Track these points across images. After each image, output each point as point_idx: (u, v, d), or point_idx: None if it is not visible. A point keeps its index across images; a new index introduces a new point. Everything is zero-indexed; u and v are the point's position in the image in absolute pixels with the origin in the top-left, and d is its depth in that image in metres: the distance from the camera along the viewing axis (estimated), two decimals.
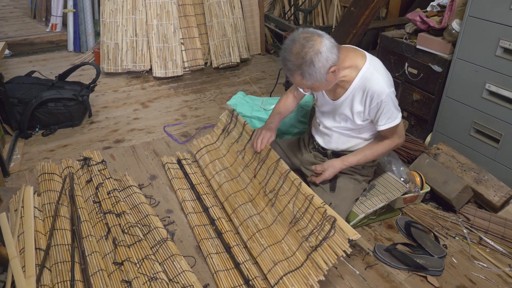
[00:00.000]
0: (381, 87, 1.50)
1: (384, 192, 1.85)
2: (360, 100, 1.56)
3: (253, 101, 2.54)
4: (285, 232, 1.58)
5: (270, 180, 1.74)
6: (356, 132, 1.71)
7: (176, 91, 3.32)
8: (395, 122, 1.59)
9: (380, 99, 1.52)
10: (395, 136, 1.67)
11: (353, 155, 1.69)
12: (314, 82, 1.42)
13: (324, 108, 1.74)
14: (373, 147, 1.68)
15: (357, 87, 1.54)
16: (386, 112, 1.55)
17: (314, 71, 1.38)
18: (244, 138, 2.00)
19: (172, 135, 2.63)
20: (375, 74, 1.51)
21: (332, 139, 1.78)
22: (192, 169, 2.12)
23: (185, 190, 2.01)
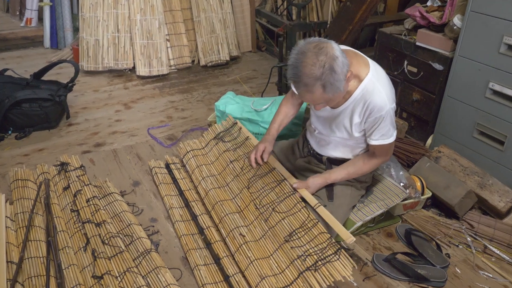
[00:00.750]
0: (382, 102, 1.50)
1: (383, 199, 1.84)
2: (360, 112, 1.56)
3: (244, 102, 2.53)
4: (275, 248, 1.58)
5: (268, 195, 1.75)
6: (353, 141, 1.71)
7: (161, 91, 3.31)
8: (388, 140, 1.60)
9: (380, 114, 1.52)
10: (383, 155, 1.67)
11: (337, 172, 1.70)
12: (335, 92, 1.40)
13: (321, 113, 1.73)
14: (358, 164, 1.69)
15: (358, 99, 1.54)
16: (382, 128, 1.56)
17: (336, 78, 1.36)
18: (242, 150, 2.01)
19: (157, 138, 2.62)
20: (378, 87, 1.51)
21: (328, 146, 1.78)
22: (181, 174, 2.12)
23: (172, 196, 2.00)
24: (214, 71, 3.71)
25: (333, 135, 1.71)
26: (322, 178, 1.70)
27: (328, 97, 1.41)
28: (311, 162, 1.87)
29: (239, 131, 2.13)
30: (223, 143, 2.12)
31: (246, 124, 2.40)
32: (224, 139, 2.14)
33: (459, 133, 2.24)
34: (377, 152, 1.66)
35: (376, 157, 1.68)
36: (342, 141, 1.72)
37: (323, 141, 1.79)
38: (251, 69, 3.79)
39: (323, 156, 1.81)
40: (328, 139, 1.75)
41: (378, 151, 1.65)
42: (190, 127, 2.78)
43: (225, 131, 2.18)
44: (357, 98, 1.54)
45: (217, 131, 2.21)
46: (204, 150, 2.16)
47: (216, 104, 2.50)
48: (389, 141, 1.60)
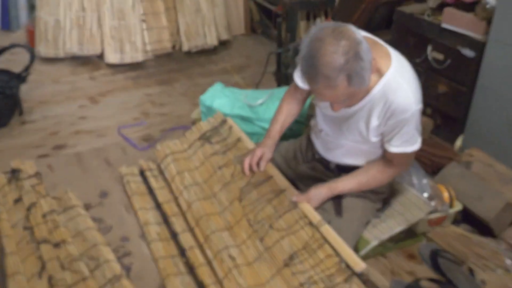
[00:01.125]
0: (407, 102, 1.50)
1: (403, 213, 1.83)
2: (379, 113, 1.55)
3: (235, 95, 2.52)
4: (272, 273, 1.56)
5: (264, 209, 1.74)
6: (369, 146, 1.70)
7: (135, 82, 3.29)
8: (411, 148, 1.59)
9: (403, 117, 1.51)
10: (403, 164, 1.67)
11: (345, 181, 1.70)
12: (361, 84, 1.38)
13: (329, 112, 1.71)
14: (371, 173, 1.68)
15: (377, 97, 1.53)
16: (405, 133, 1.55)
17: (362, 67, 1.35)
18: (232, 153, 2.01)
19: (130, 139, 2.61)
20: (402, 84, 1.50)
21: (337, 151, 1.77)
22: (158, 183, 2.11)
23: (148, 210, 1.99)
24: (200, 58, 3.69)
25: (344, 138, 1.70)
26: (327, 188, 1.69)
27: (353, 91, 1.40)
28: (316, 169, 1.85)
29: (229, 130, 2.12)
30: (210, 145, 2.11)
31: (238, 122, 2.37)
32: (211, 140, 2.13)
33: (494, 133, 2.23)
34: (395, 161, 1.64)
35: (393, 166, 1.66)
36: (355, 146, 1.71)
37: (331, 144, 1.77)
38: (244, 55, 3.78)
39: (331, 162, 1.80)
40: (337, 143, 1.74)
41: (397, 159, 1.64)
42: (170, 125, 2.76)
43: (212, 130, 2.17)
44: (376, 96, 1.52)
45: (202, 130, 2.20)
46: (186, 153, 2.15)
47: (202, 98, 2.49)
48: (412, 149, 1.59)
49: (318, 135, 1.83)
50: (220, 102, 2.44)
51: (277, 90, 2.59)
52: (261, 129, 2.37)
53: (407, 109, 1.50)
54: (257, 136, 2.37)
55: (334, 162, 1.80)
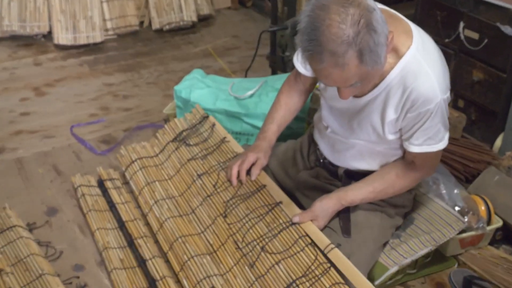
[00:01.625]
0: (431, 90, 1.50)
1: (429, 231, 1.83)
2: (397, 104, 1.56)
3: (218, 85, 2.52)
4: None
5: (254, 227, 1.74)
6: (385, 147, 1.70)
7: (92, 69, 3.29)
8: (437, 146, 1.60)
9: (426, 108, 1.52)
10: (427, 167, 1.68)
11: (356, 189, 1.70)
12: (375, 63, 1.37)
13: (337, 103, 1.71)
14: (389, 179, 1.69)
15: (395, 84, 1.53)
16: (429, 128, 1.56)
17: (376, 41, 1.34)
18: (215, 158, 2.01)
19: (85, 141, 2.60)
20: (425, 68, 1.50)
21: (347, 153, 1.77)
22: (122, 196, 2.11)
23: (109, 231, 1.99)
24: (174, 38, 3.69)
25: (354, 136, 1.71)
26: (335, 199, 1.69)
27: (365, 71, 1.38)
28: (320, 176, 1.86)
29: (211, 129, 2.12)
30: (187, 148, 2.11)
31: (222, 119, 2.39)
32: (188, 142, 2.13)
33: None
34: (418, 162, 1.65)
35: (415, 169, 1.67)
36: (368, 146, 1.71)
37: (339, 144, 1.78)
38: (230, 34, 3.78)
39: (339, 168, 1.80)
40: (347, 142, 1.74)
41: (420, 161, 1.65)
42: (137, 123, 2.76)
43: (190, 129, 2.17)
44: (393, 82, 1.53)
45: (178, 129, 2.20)
46: (158, 159, 2.15)
47: (177, 89, 2.49)
48: (437, 148, 1.60)
49: (323, 134, 1.83)
50: (199, 93, 2.44)
51: (272, 78, 2.59)
52: (252, 127, 2.37)
53: (430, 98, 1.50)
54: (246, 136, 2.38)
55: (342, 167, 1.80)
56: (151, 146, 2.22)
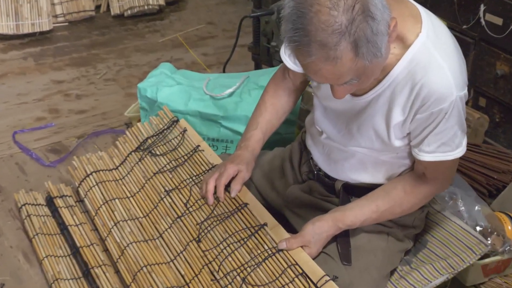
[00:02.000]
0: (445, 85, 1.50)
1: (445, 256, 1.84)
2: (404, 103, 1.56)
3: (191, 82, 2.53)
4: None
5: (234, 253, 1.73)
6: (392, 156, 1.71)
7: (38, 63, 3.30)
8: (452, 154, 1.60)
9: (439, 108, 1.51)
10: (441, 179, 1.68)
11: (356, 208, 1.69)
12: (374, 56, 1.36)
13: (332, 104, 1.71)
14: (395, 195, 1.69)
15: (401, 78, 1.53)
16: (443, 131, 1.56)
17: (374, 30, 1.32)
18: (187, 170, 2.01)
19: (31, 150, 2.61)
20: (437, 59, 1.50)
21: (346, 163, 1.77)
22: (76, 217, 2.11)
23: (60, 258, 1.99)
24: (137, 26, 3.70)
25: (354, 143, 1.71)
26: (331, 221, 1.69)
27: (363, 66, 1.37)
28: (314, 191, 1.86)
29: (182, 136, 2.12)
30: (152, 159, 2.11)
31: (195, 123, 2.40)
32: (154, 151, 2.13)
33: None
34: (430, 174, 1.65)
35: (427, 182, 1.67)
36: (371, 155, 1.72)
37: (336, 152, 1.78)
38: (205, 21, 3.79)
39: (337, 181, 1.81)
40: (345, 150, 1.75)
41: (433, 172, 1.65)
42: (93, 128, 2.76)
43: (156, 136, 2.17)
44: (399, 78, 1.54)
45: (142, 136, 2.20)
46: (118, 172, 2.15)
47: (141, 87, 2.49)
48: (454, 156, 1.60)
49: (317, 140, 1.83)
50: (168, 92, 2.44)
51: (255, 73, 2.60)
52: (231, 132, 2.38)
53: (444, 96, 1.50)
54: (225, 143, 2.39)
55: (340, 181, 1.80)
56: (110, 157, 2.21)
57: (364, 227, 1.74)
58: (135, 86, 2.55)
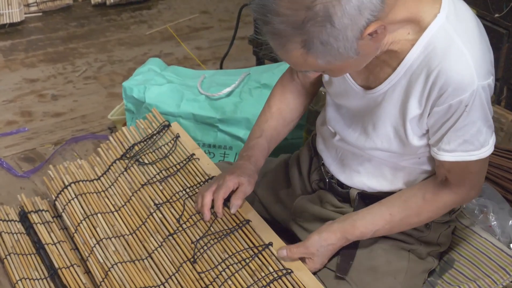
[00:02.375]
0: (465, 73, 1.50)
1: (475, 277, 1.84)
2: (420, 93, 1.57)
3: (183, 80, 2.54)
4: None
5: (234, 276, 1.73)
6: (411, 159, 1.72)
7: (8, 59, 3.30)
8: (477, 154, 1.59)
9: (459, 99, 1.51)
10: (466, 187, 1.67)
11: (368, 217, 1.71)
12: (332, 59, 1.41)
13: (345, 101, 1.74)
14: (414, 203, 1.69)
15: (417, 66, 1.55)
16: (465, 127, 1.55)
17: (333, 35, 1.37)
18: (179, 181, 2.01)
19: (1, 158, 2.61)
20: (457, 42, 1.50)
21: (362, 168, 1.79)
22: (53, 234, 2.10)
23: (36, 281, 1.99)
24: (121, 16, 3.72)
25: (371, 144, 1.72)
26: (339, 234, 1.71)
27: (320, 64, 1.43)
28: (324, 202, 1.88)
29: (174, 142, 2.13)
30: (140, 168, 2.12)
31: (188, 127, 2.40)
32: (142, 160, 2.13)
33: None
34: (453, 178, 1.65)
35: (450, 188, 1.67)
36: (390, 159, 1.73)
37: (351, 156, 1.80)
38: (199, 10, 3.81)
39: (351, 189, 1.82)
40: (362, 154, 1.77)
41: (456, 176, 1.64)
42: (71, 134, 2.76)
43: (144, 142, 2.18)
44: (414, 65, 1.55)
45: (128, 142, 2.20)
46: (100, 183, 2.15)
47: (126, 86, 2.49)
48: (478, 156, 1.59)
49: (329, 143, 1.86)
50: (157, 92, 2.45)
51: (257, 69, 2.61)
52: (230, 137, 2.39)
53: (464, 84, 1.50)
54: (222, 150, 2.40)
55: (356, 189, 1.81)
56: (91, 166, 2.20)
57: (381, 244, 1.76)
58: (119, 85, 2.55)
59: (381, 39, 1.46)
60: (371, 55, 1.51)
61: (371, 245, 1.77)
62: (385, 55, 1.56)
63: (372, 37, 1.42)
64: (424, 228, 1.79)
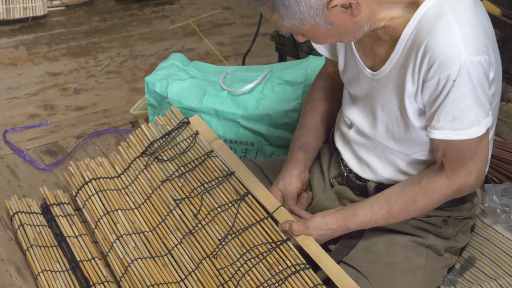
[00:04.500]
0: (452, 46, 1.50)
1: (496, 276, 1.84)
2: (413, 68, 1.58)
3: (206, 75, 2.54)
4: None
5: (253, 270, 1.74)
6: (419, 144, 1.72)
7: (31, 53, 3.31)
8: (464, 133, 1.57)
9: (446, 73, 1.52)
10: (463, 173, 1.65)
11: (367, 207, 1.72)
12: (297, 22, 1.51)
13: (357, 89, 1.76)
14: (410, 191, 1.69)
15: (410, 44, 1.57)
16: (453, 102, 1.54)
17: (296, 1, 1.46)
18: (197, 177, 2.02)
19: (24, 151, 2.61)
20: (447, 16, 1.52)
21: (376, 160, 1.80)
22: (75, 227, 2.11)
23: (58, 274, 1.99)
24: (143, 11, 3.72)
25: (382, 129, 1.74)
26: (341, 221, 1.73)
27: (284, 26, 1.53)
28: (342, 198, 1.89)
29: (193, 139, 2.13)
30: (159, 165, 2.12)
31: (210, 122, 2.40)
32: (161, 156, 2.14)
33: None
34: (447, 161, 1.64)
35: (445, 174, 1.66)
36: (401, 151, 1.75)
37: (366, 148, 1.82)
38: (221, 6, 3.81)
39: (369, 182, 1.83)
40: (375, 145, 1.79)
41: (449, 159, 1.63)
42: (94, 127, 2.77)
43: (163, 138, 2.19)
44: (409, 42, 1.58)
45: (147, 140, 2.21)
46: (120, 181, 2.16)
47: (149, 81, 2.50)
48: (466, 136, 1.57)
49: (346, 138, 1.87)
50: (180, 87, 2.45)
51: (279, 66, 2.60)
52: (251, 133, 2.40)
53: (450, 57, 1.50)
54: (244, 146, 2.40)
55: (373, 182, 1.82)
56: (111, 164, 2.22)
57: (398, 240, 1.77)
58: (141, 80, 2.55)
59: (357, 14, 1.51)
60: (350, 28, 1.55)
61: (390, 241, 1.78)
62: (384, 34, 1.61)
63: (346, 10, 1.48)
64: (442, 223, 1.80)
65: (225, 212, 1.89)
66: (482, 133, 1.57)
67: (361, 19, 1.53)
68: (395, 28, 1.57)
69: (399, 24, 1.57)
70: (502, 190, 2.07)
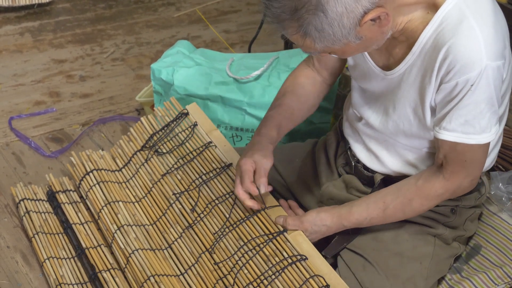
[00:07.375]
0: (474, 50, 1.50)
1: (501, 264, 1.84)
2: (432, 69, 1.57)
3: (212, 62, 2.54)
4: None
5: (250, 264, 1.74)
6: (432, 145, 1.72)
7: (37, 39, 3.31)
8: (475, 138, 1.58)
9: (465, 77, 1.52)
10: (460, 176, 1.65)
11: (362, 206, 1.72)
12: (330, 43, 1.48)
13: (368, 84, 1.75)
14: (407, 190, 1.69)
15: (430, 44, 1.56)
16: (467, 106, 1.55)
17: (327, 22, 1.43)
18: (195, 168, 2.03)
19: (29, 138, 2.62)
20: (469, 20, 1.51)
21: (385, 152, 1.80)
22: (81, 214, 2.12)
23: (64, 260, 2.00)
24: None
25: (392, 127, 1.74)
26: (336, 218, 1.73)
27: (319, 47, 1.50)
28: (349, 187, 1.89)
29: (192, 130, 2.12)
30: (159, 158, 2.13)
31: (216, 109, 2.42)
32: (161, 149, 2.15)
33: None
34: (448, 164, 1.64)
35: (443, 175, 1.66)
36: (412, 145, 1.75)
37: (375, 140, 1.82)
38: None
39: (376, 174, 1.84)
40: (385, 138, 1.79)
41: (451, 161, 1.63)
42: (99, 115, 2.78)
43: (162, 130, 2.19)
44: (428, 44, 1.57)
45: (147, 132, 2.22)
46: (121, 175, 2.17)
47: (155, 68, 2.50)
48: (476, 141, 1.58)
49: (355, 128, 1.87)
50: (186, 74, 2.45)
51: (286, 53, 2.61)
52: (257, 121, 2.40)
53: (472, 61, 1.50)
54: (250, 133, 2.41)
55: (380, 174, 1.83)
56: (112, 158, 2.23)
57: (408, 229, 1.77)
58: (147, 67, 2.55)
59: (386, 25, 1.49)
60: (377, 38, 1.54)
61: (397, 229, 1.78)
62: (401, 35, 1.60)
63: (375, 23, 1.47)
64: (450, 213, 1.80)
65: (222, 203, 1.89)
66: (491, 140, 1.59)
67: (388, 28, 1.53)
68: (413, 30, 1.57)
69: (417, 26, 1.56)
70: (508, 178, 2.07)
